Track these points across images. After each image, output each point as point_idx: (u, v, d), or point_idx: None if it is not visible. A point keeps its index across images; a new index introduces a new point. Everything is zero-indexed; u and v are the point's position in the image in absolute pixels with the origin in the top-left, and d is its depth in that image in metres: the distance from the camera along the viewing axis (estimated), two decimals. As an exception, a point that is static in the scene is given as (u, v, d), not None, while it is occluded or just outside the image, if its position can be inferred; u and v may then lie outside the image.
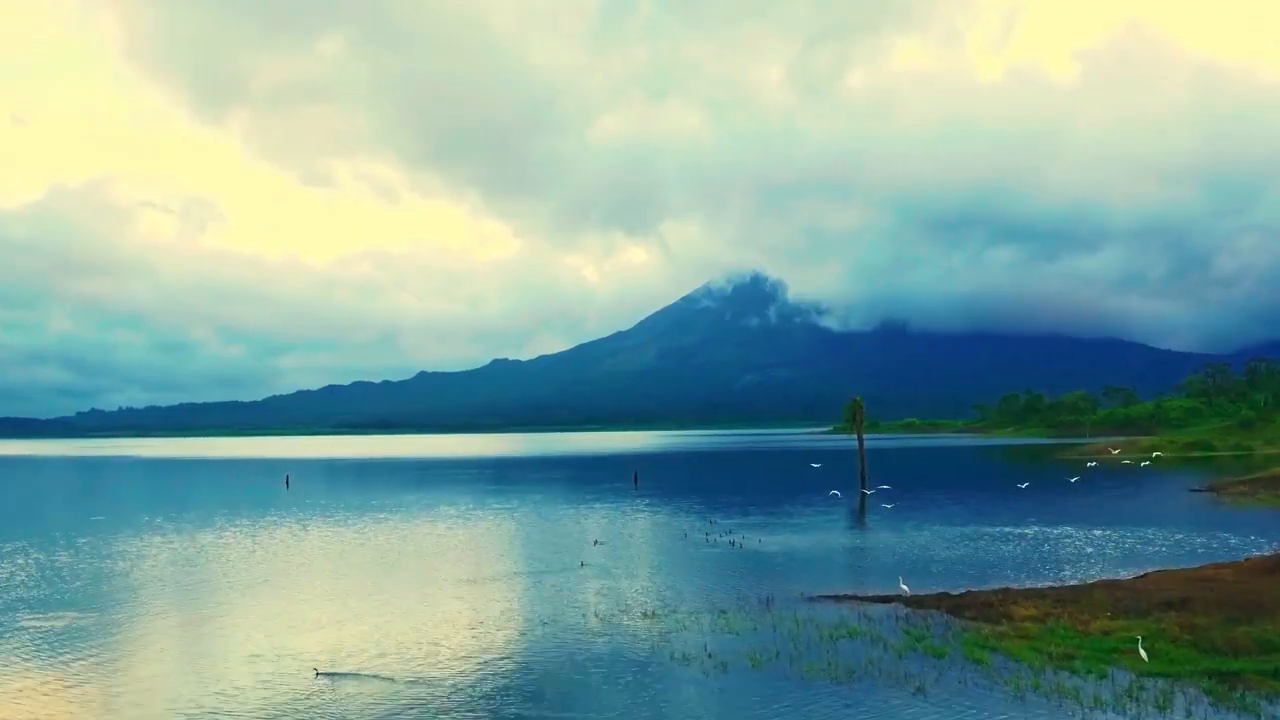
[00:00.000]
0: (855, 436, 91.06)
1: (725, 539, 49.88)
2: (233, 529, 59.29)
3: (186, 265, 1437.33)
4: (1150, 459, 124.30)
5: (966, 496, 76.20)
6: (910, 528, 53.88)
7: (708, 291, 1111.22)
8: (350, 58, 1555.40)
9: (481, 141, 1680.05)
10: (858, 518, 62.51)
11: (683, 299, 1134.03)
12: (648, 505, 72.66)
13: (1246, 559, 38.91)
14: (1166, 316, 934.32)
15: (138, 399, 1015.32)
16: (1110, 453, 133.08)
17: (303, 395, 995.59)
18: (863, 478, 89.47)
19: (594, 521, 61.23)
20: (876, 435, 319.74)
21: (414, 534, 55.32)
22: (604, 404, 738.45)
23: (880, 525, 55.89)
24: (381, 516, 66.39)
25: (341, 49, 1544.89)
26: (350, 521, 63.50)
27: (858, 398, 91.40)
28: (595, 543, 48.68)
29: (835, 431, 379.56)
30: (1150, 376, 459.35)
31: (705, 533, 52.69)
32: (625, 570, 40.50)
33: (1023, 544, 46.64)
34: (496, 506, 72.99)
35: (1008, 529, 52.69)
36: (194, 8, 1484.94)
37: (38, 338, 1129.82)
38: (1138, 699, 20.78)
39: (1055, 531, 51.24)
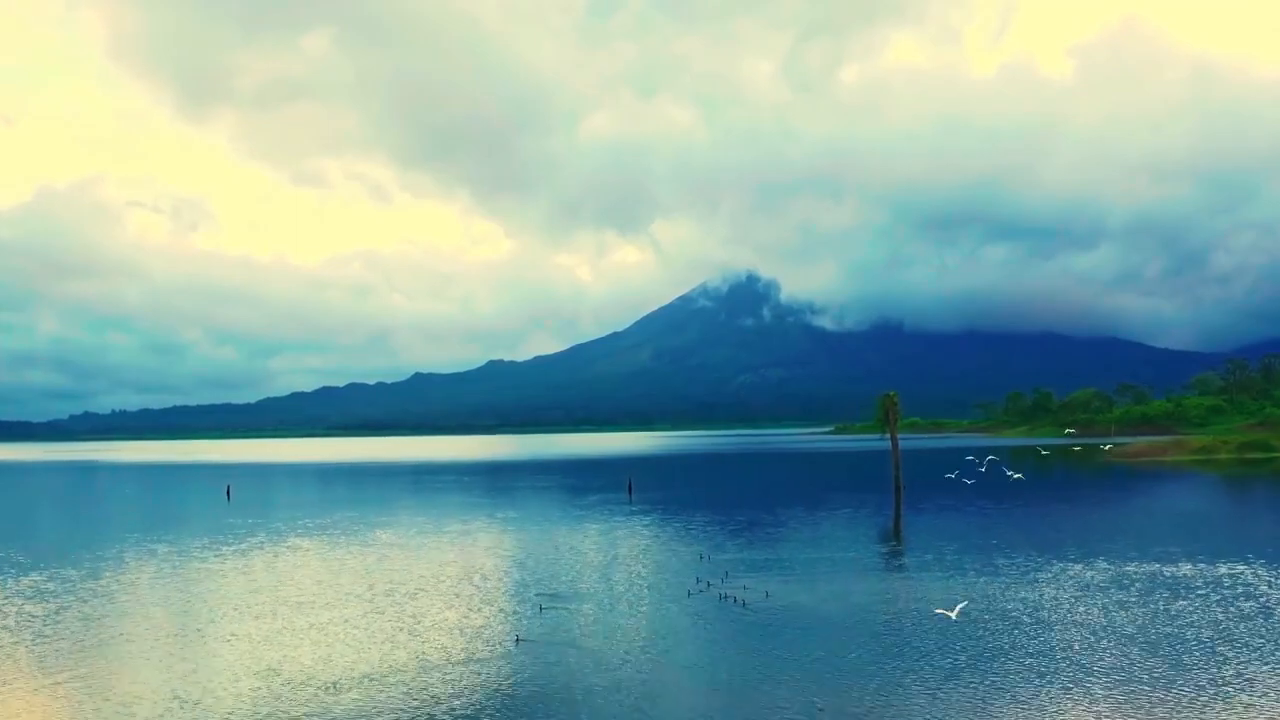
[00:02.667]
0: (889, 437, 77.38)
1: (742, 591, 34.04)
2: (90, 564, 43.64)
3: (175, 266, 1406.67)
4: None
5: (1049, 512, 60.71)
6: (1010, 568, 38.03)
7: (704, 291, 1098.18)
8: (336, 55, 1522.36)
9: (471, 140, 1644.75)
10: (915, 545, 46.84)
11: (679, 299, 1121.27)
12: (642, 525, 57.33)
13: None
14: (1163, 314, 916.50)
15: (131, 401, 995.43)
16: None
17: (297, 397, 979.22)
18: (898, 486, 75.05)
19: (570, 549, 46.01)
20: (883, 435, 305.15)
21: (320, 576, 39.88)
22: (600, 405, 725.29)
23: (968, 561, 39.96)
24: (300, 544, 51.02)
25: (326, 46, 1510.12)
26: (257, 550, 48.42)
27: (891, 393, 77.45)
28: (541, 608, 32.02)
29: (838, 432, 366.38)
30: (1147, 375, 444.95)
31: (711, 578, 36.74)
32: (585, 663, 24.94)
33: (1220, 602, 30.97)
34: (454, 529, 57.33)
35: (1174, 570, 36.93)
36: (176, 4, 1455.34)
37: (27, 340, 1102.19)
38: None
39: (1246, 574, 35.59)
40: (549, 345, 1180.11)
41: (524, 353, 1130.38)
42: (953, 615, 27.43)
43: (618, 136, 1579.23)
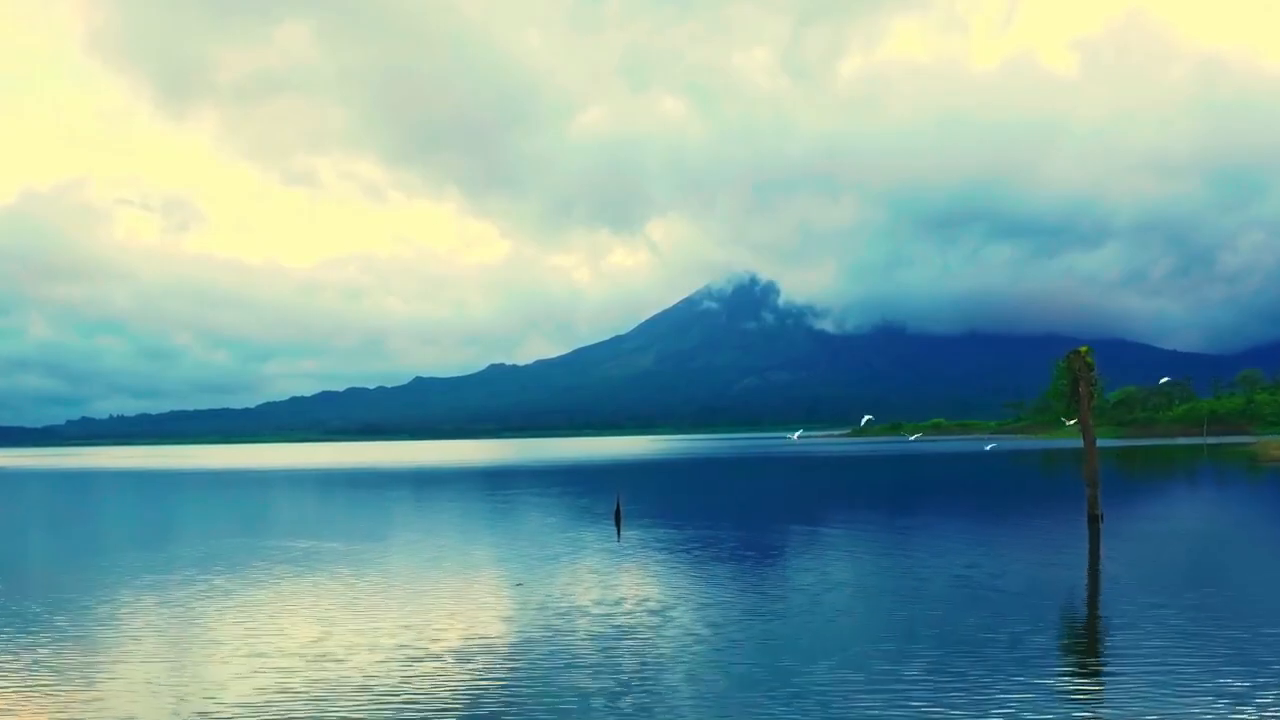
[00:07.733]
0: (1080, 424, 52.10)
1: None
2: None
3: (166, 268, 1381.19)
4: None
5: None
6: None
7: (708, 293, 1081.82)
8: (314, 48, 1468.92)
9: (460, 137, 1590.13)
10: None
11: (684, 301, 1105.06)
12: (623, 603, 34.30)
13: None
14: (1169, 315, 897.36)
15: (128, 406, 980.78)
16: None
17: (297, 401, 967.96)
18: (1094, 516, 49.24)
19: (470, 689, 22.20)
20: (899, 438, 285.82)
21: None
22: (602, 408, 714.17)
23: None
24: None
25: (304, 38, 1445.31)
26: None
27: (1083, 348, 53.21)
28: None
29: (856, 434, 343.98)
30: (1153, 377, 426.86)
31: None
32: None
33: None
34: (290, 620, 34.35)
35: None
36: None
37: (18, 345, 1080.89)
38: None
39: None
40: (547, 348, 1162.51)
41: (522, 356, 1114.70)
42: None
43: (610, 132, 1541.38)
